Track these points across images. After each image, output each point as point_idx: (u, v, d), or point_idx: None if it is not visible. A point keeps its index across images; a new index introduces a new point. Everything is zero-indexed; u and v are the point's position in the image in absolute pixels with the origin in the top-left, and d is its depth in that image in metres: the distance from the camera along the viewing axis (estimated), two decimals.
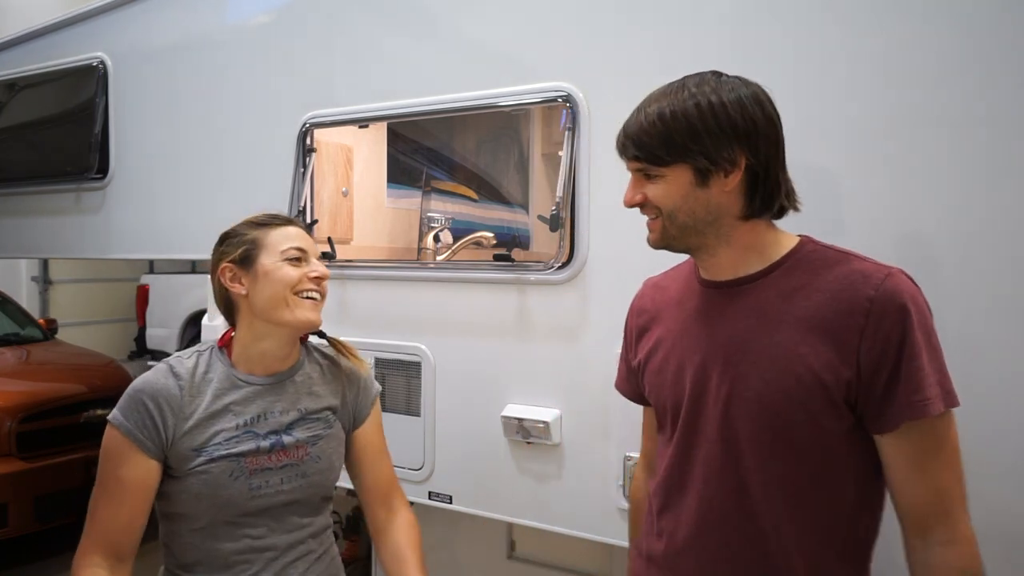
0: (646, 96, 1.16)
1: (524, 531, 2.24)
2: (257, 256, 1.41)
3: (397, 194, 3.04)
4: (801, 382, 1.07)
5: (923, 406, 1.03)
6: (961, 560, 1.05)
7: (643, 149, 1.12)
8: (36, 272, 6.91)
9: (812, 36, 1.57)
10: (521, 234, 3.11)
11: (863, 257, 1.12)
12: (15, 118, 3.24)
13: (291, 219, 1.50)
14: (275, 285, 1.40)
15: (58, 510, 3.69)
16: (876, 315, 1.04)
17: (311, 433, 1.45)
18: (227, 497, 1.35)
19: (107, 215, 2.91)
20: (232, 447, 1.36)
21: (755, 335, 1.12)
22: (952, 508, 1.06)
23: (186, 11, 2.65)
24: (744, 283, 1.16)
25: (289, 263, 1.41)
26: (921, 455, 1.06)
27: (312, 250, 1.47)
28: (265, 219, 1.46)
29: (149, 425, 1.32)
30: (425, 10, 2.12)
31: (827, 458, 1.09)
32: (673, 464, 1.21)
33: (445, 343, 2.08)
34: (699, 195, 1.11)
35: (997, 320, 1.40)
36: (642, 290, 1.38)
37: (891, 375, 1.04)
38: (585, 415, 1.85)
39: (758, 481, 1.11)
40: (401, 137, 2.99)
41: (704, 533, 1.16)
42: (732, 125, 1.08)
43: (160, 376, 1.38)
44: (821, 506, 1.10)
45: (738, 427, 1.12)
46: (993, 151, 1.41)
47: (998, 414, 1.40)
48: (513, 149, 3.14)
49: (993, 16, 1.40)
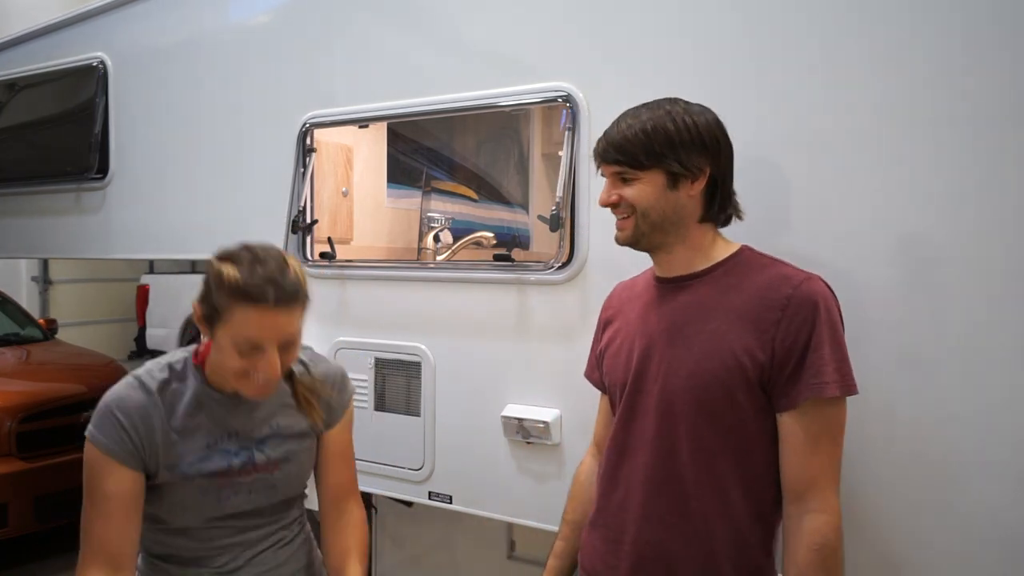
0: (623, 112, 1.35)
1: (524, 531, 2.23)
2: (216, 325, 1.29)
3: (397, 194, 3.04)
4: (725, 364, 1.26)
5: (821, 387, 1.21)
6: (827, 526, 1.21)
7: (625, 155, 1.31)
8: (36, 272, 6.91)
9: (812, 36, 1.57)
10: (521, 234, 3.11)
11: (789, 264, 1.31)
12: (15, 118, 3.25)
13: (268, 295, 1.25)
14: (222, 362, 1.32)
15: (58, 510, 3.69)
16: (791, 310, 1.23)
17: (284, 449, 1.43)
18: (196, 510, 1.36)
19: (107, 215, 2.91)
20: (203, 466, 1.35)
21: (692, 323, 1.31)
22: (827, 483, 1.23)
23: (186, 11, 2.65)
24: (690, 279, 1.35)
25: (238, 350, 1.28)
26: (813, 433, 1.23)
27: (274, 337, 1.28)
28: (238, 289, 1.26)
29: (124, 439, 1.31)
30: (425, 10, 2.12)
31: (741, 430, 1.27)
32: (616, 436, 1.40)
33: (445, 343, 2.08)
34: (669, 196, 1.31)
35: (996, 322, 1.40)
36: (614, 289, 1.57)
37: (798, 361, 1.22)
38: (585, 415, 1.85)
39: (687, 448, 1.29)
40: (401, 137, 2.99)
41: (640, 492, 1.33)
42: (701, 140, 1.29)
43: (130, 390, 1.35)
44: (735, 471, 1.28)
45: (672, 400, 1.30)
46: (979, 150, 1.41)
47: (998, 415, 1.40)
48: (513, 149, 3.14)
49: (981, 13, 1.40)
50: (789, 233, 1.56)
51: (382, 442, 2.17)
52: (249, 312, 1.26)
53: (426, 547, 2.56)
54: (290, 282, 1.29)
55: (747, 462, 1.28)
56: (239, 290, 1.26)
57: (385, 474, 2.17)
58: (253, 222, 2.44)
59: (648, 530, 1.32)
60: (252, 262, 1.28)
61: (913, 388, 1.45)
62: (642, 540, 1.33)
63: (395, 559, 2.60)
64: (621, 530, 1.36)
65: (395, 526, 2.58)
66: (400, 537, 2.59)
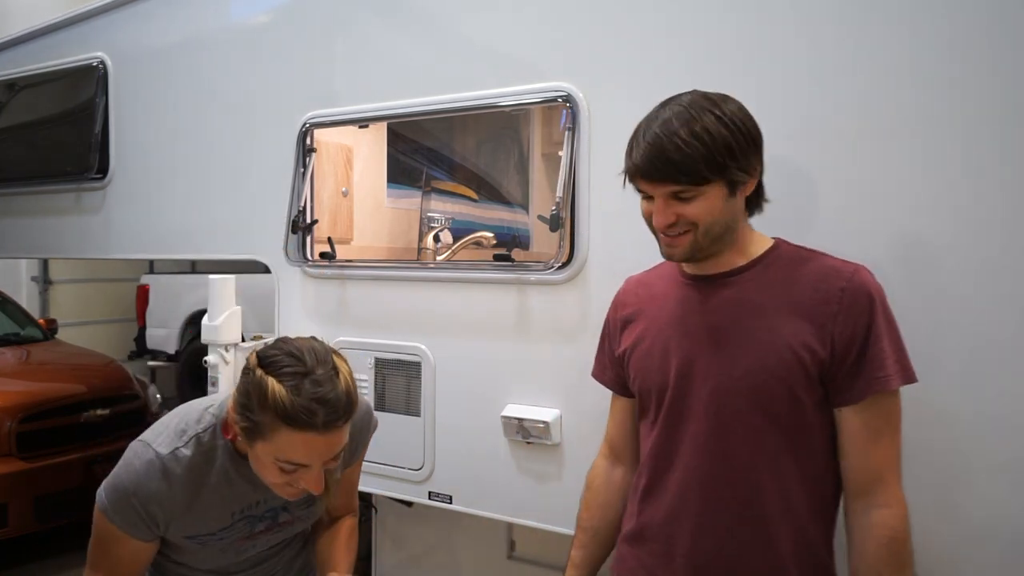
0: (652, 119, 1.21)
1: (524, 531, 2.23)
2: (256, 440, 1.19)
3: (397, 194, 3.04)
4: (782, 359, 1.20)
5: (885, 381, 1.18)
6: (895, 519, 1.18)
7: (688, 173, 1.17)
8: (36, 272, 6.90)
9: (812, 37, 1.57)
10: (521, 234, 3.11)
11: (830, 255, 1.27)
12: (15, 118, 3.24)
13: (319, 421, 1.15)
14: (260, 472, 1.25)
15: (58, 510, 3.68)
16: (848, 302, 1.19)
17: (307, 503, 1.42)
18: (214, 562, 1.38)
19: (107, 215, 2.91)
20: (225, 534, 1.35)
21: (740, 320, 1.25)
22: (891, 475, 1.20)
23: (186, 11, 2.65)
24: (727, 276, 1.28)
25: (280, 467, 1.20)
26: (875, 426, 1.20)
27: (318, 460, 1.20)
28: (291, 412, 1.14)
29: (139, 523, 1.27)
30: (425, 10, 2.12)
31: (801, 426, 1.22)
32: (659, 443, 1.32)
33: (445, 343, 2.08)
34: (729, 205, 1.23)
35: (1000, 319, 1.40)
36: (625, 286, 1.49)
37: (859, 354, 1.19)
38: (585, 415, 1.85)
39: (743, 452, 1.23)
40: (401, 137, 2.98)
41: (691, 503, 1.27)
42: (753, 136, 1.21)
43: (152, 479, 1.25)
44: (797, 469, 1.23)
45: (725, 403, 1.24)
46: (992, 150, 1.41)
47: (998, 412, 1.40)
48: (513, 149, 3.14)
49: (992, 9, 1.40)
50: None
51: (382, 442, 2.15)
52: (295, 437, 1.15)
53: (426, 547, 2.56)
54: (341, 398, 1.16)
55: (808, 458, 1.23)
56: (286, 415, 1.13)
57: (385, 474, 2.17)
58: (253, 222, 2.45)
59: (705, 540, 1.25)
60: (299, 376, 1.15)
61: (914, 387, 1.45)
62: (699, 551, 1.25)
63: (395, 559, 2.60)
64: (671, 543, 1.28)
65: (395, 526, 2.58)
66: (400, 537, 2.59)
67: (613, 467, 1.48)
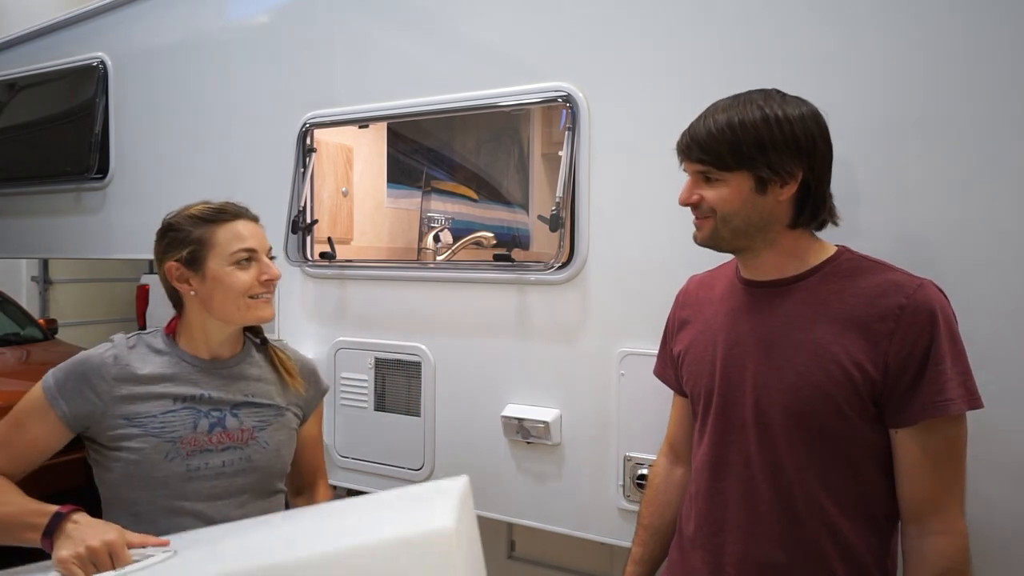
0: (712, 104, 1.24)
1: (524, 531, 2.23)
2: (205, 258, 1.37)
3: (397, 194, 3.04)
4: (831, 376, 1.16)
5: (944, 406, 1.12)
6: (952, 549, 1.14)
7: (710, 154, 1.19)
8: (36, 272, 6.90)
9: (812, 38, 1.57)
10: (521, 234, 3.11)
11: (896, 268, 1.21)
12: (15, 118, 3.24)
13: (239, 211, 1.43)
14: (226, 291, 1.37)
15: None
16: (906, 321, 1.13)
17: (259, 419, 1.42)
18: (162, 478, 1.32)
19: (107, 215, 2.91)
20: (167, 418, 1.34)
21: (790, 332, 1.21)
22: (951, 502, 1.15)
23: (186, 11, 2.65)
24: (783, 284, 1.25)
25: (239, 267, 1.37)
26: (933, 451, 1.15)
27: (262, 246, 1.42)
28: (211, 214, 1.39)
29: (75, 395, 1.33)
30: (425, 10, 2.12)
31: (852, 441, 1.18)
32: (711, 448, 1.30)
33: (445, 343, 2.08)
34: (756, 202, 1.20)
35: (1000, 318, 1.40)
36: (687, 285, 1.48)
37: (915, 376, 1.13)
38: (585, 415, 1.85)
39: (791, 463, 1.20)
40: (401, 137, 2.99)
41: (744, 510, 1.25)
42: (795, 140, 1.17)
43: (102, 350, 1.38)
44: (848, 482, 1.19)
45: (771, 414, 1.21)
46: None
47: (1000, 414, 1.40)
48: (513, 149, 3.14)
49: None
50: None
51: (382, 442, 2.17)
52: (232, 226, 1.39)
53: None
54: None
55: (856, 476, 1.19)
56: (211, 216, 1.39)
57: (385, 474, 2.17)
58: None
59: (756, 550, 1.24)
60: (204, 202, 1.43)
61: None
62: (749, 561, 1.24)
63: None
64: (721, 551, 1.28)
65: None
66: None
67: (673, 466, 1.49)
